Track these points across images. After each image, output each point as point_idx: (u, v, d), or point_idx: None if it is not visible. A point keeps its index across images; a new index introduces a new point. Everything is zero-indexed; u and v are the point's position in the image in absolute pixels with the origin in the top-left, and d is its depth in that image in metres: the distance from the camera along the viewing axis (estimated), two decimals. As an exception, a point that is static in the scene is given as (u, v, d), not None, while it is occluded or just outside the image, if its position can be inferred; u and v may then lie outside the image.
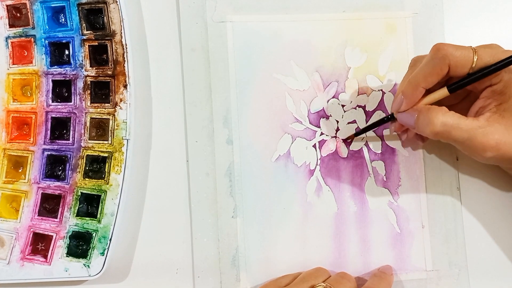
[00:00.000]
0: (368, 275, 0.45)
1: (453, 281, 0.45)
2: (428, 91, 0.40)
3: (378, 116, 0.46)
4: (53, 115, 0.44)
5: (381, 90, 0.47)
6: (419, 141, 0.45)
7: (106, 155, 0.43)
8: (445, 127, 0.38)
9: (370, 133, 0.46)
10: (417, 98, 0.40)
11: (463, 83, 0.39)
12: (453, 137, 0.39)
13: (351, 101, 0.47)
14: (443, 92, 0.40)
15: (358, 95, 0.47)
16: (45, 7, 0.43)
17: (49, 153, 0.43)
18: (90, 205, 0.43)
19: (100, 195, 0.43)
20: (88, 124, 0.43)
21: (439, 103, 0.40)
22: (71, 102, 0.44)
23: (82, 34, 0.44)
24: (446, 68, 0.39)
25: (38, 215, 0.43)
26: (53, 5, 0.43)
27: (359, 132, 0.45)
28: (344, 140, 0.46)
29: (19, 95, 0.44)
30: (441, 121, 0.38)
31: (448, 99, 0.41)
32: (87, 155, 0.43)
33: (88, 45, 0.44)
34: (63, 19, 0.44)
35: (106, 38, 0.43)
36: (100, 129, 0.44)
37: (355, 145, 0.46)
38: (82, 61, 0.44)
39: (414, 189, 0.46)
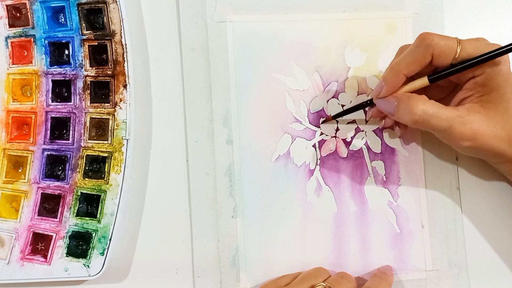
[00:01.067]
0: (368, 275, 0.45)
1: (453, 281, 0.45)
2: (410, 80, 0.41)
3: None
4: (53, 115, 0.44)
5: (381, 90, 0.47)
6: (398, 128, 0.45)
7: (106, 155, 0.43)
8: (425, 116, 0.39)
9: (370, 133, 0.46)
10: (397, 85, 0.40)
11: (444, 74, 0.39)
12: (432, 126, 0.39)
13: (351, 101, 0.47)
14: (423, 81, 0.40)
15: (357, 95, 0.47)
16: (45, 7, 0.43)
17: (49, 153, 0.43)
18: (90, 205, 0.43)
19: (100, 195, 0.43)
20: (88, 124, 0.43)
21: (427, 96, 0.40)
22: (71, 102, 0.44)
23: (82, 34, 0.44)
24: (429, 57, 0.39)
25: (38, 215, 0.43)
26: (53, 5, 0.43)
27: (336, 115, 0.45)
28: (323, 122, 0.46)
29: (19, 95, 0.44)
30: (421, 109, 0.39)
31: (434, 93, 0.42)
32: (87, 155, 0.43)
33: (88, 45, 0.44)
34: (63, 19, 0.44)
35: (106, 38, 0.43)
36: (100, 129, 0.44)
37: (355, 145, 0.46)
38: (82, 61, 0.44)
39: (414, 189, 0.46)
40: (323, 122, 0.46)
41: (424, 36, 0.39)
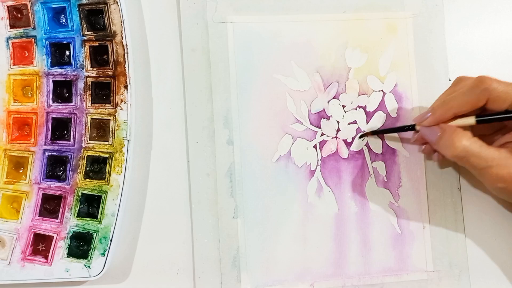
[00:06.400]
0: (368, 276, 0.45)
1: (454, 281, 0.45)
2: (458, 116, 0.40)
3: (378, 116, 0.46)
4: (54, 116, 0.44)
5: (382, 90, 0.47)
6: (436, 155, 0.44)
7: (106, 155, 0.43)
8: (465, 153, 0.38)
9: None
10: (444, 120, 0.40)
11: (492, 118, 0.39)
12: (471, 163, 0.38)
13: (352, 102, 0.47)
14: (470, 121, 0.40)
15: (358, 95, 0.47)
16: (45, 8, 0.44)
17: (50, 153, 0.43)
18: (91, 205, 0.43)
19: (101, 196, 0.43)
20: (88, 124, 0.43)
21: (473, 130, 0.40)
22: (71, 102, 0.44)
23: (83, 35, 0.44)
24: (483, 101, 0.39)
25: (38, 216, 0.43)
26: (53, 6, 0.44)
27: (375, 131, 0.45)
28: (361, 137, 0.46)
29: (20, 95, 0.44)
30: (463, 145, 0.38)
31: (482, 128, 0.41)
32: (87, 155, 0.43)
33: (89, 46, 0.44)
34: (63, 20, 0.44)
35: (107, 38, 0.43)
36: (101, 129, 0.44)
37: (356, 146, 0.46)
38: (83, 61, 0.44)
39: (414, 190, 0.46)
40: (361, 137, 0.46)
41: (482, 79, 0.39)
